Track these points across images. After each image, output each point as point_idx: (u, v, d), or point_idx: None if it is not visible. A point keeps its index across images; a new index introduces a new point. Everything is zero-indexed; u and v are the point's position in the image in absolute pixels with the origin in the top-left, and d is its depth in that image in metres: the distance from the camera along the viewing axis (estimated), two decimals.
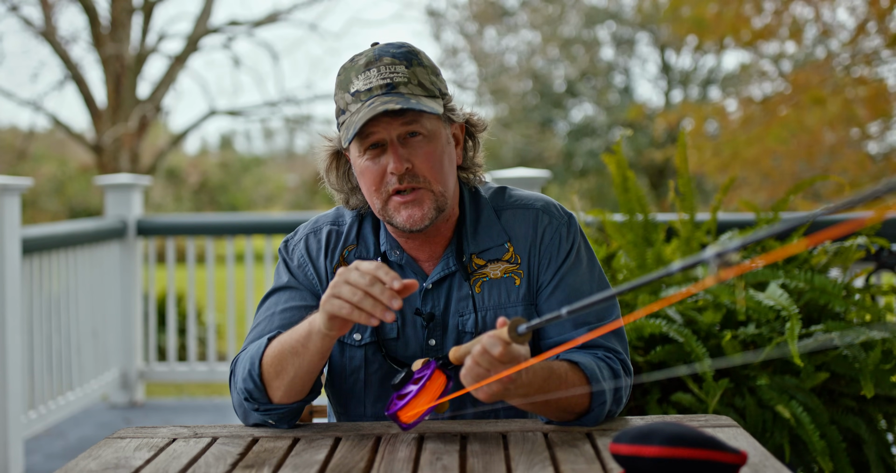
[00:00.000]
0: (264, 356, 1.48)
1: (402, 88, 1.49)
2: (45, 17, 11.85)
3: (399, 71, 1.50)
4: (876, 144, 9.44)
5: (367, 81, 1.50)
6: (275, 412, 1.51)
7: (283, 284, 1.64)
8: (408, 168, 1.50)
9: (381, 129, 1.49)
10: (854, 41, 8.32)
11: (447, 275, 1.60)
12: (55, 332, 4.32)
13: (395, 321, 1.59)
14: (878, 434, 2.49)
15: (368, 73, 1.50)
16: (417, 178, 1.51)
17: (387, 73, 1.50)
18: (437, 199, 1.53)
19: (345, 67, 1.55)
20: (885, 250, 3.18)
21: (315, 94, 13.37)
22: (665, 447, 1.16)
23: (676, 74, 17.70)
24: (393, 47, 1.53)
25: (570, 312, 1.18)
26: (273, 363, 1.47)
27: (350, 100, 1.52)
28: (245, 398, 1.51)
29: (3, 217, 3.68)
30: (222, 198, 20.64)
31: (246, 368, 1.50)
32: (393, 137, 1.50)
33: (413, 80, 1.51)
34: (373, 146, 1.51)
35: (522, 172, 4.08)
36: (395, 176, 1.50)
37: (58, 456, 4.17)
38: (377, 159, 1.52)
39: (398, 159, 1.49)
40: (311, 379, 1.48)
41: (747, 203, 3.12)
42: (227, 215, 10.41)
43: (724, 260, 0.95)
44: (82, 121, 30.61)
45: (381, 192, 1.53)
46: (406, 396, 1.40)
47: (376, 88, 1.49)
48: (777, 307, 2.40)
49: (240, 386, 1.51)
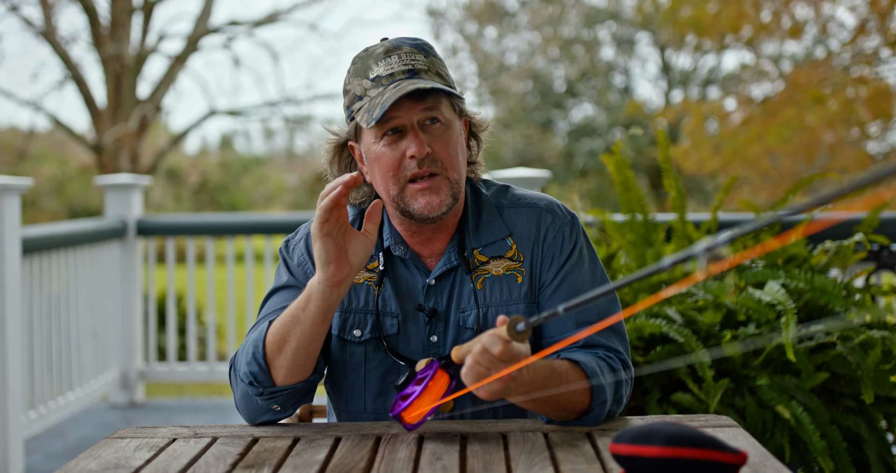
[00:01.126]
0: (267, 336, 1.50)
1: (424, 74, 1.52)
2: (45, 17, 11.85)
3: (419, 59, 1.54)
4: (876, 144, 9.43)
5: (388, 67, 1.52)
6: (279, 395, 1.51)
7: (283, 283, 1.64)
8: (428, 153, 1.51)
9: (403, 114, 1.51)
10: (854, 41, 8.32)
11: (449, 270, 1.60)
12: (55, 332, 4.33)
13: (397, 318, 1.60)
14: (879, 433, 2.49)
15: (389, 59, 1.53)
16: (437, 163, 1.53)
17: (408, 59, 1.53)
18: (452, 186, 1.54)
19: (360, 56, 1.57)
20: (885, 249, 3.18)
21: (315, 94, 13.39)
22: (665, 447, 1.16)
23: (676, 73, 17.71)
24: (408, 39, 1.57)
25: (566, 309, 1.18)
26: (275, 339, 1.48)
27: (370, 85, 1.53)
28: (249, 383, 1.51)
29: (3, 217, 3.68)
30: (222, 198, 20.64)
31: (249, 352, 1.51)
32: (414, 121, 1.52)
33: (432, 69, 1.54)
34: (391, 132, 1.53)
35: (522, 172, 4.08)
36: (416, 160, 1.51)
37: (58, 456, 4.17)
38: (395, 145, 1.53)
39: (420, 143, 1.51)
40: (314, 352, 1.49)
41: (748, 203, 3.12)
42: (227, 215, 10.41)
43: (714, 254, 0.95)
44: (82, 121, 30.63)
45: (398, 177, 1.54)
46: (409, 397, 1.41)
47: (398, 72, 1.52)
48: (773, 302, 2.40)
49: (244, 370, 1.51)
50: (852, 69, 8.44)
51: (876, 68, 8.39)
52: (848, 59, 8.51)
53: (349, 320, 1.61)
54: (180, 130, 14.00)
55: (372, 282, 1.62)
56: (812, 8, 8.59)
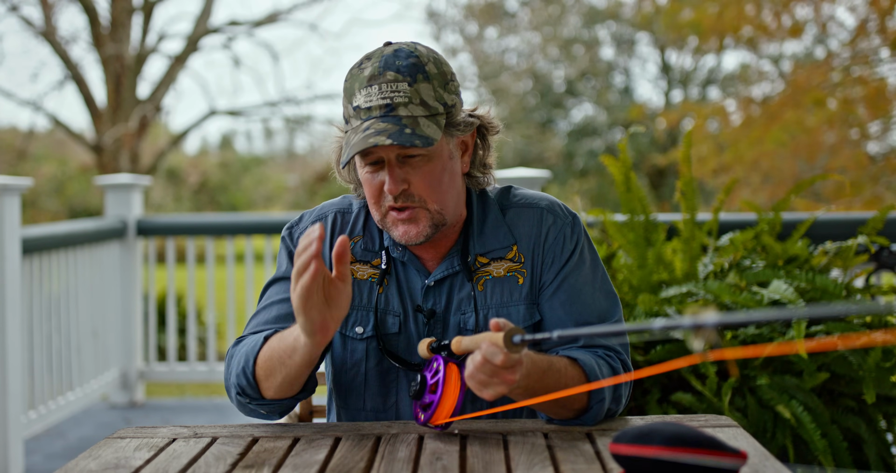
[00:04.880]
0: (258, 356, 1.49)
1: (402, 108, 1.47)
2: (45, 17, 11.85)
3: (401, 89, 1.47)
4: (876, 144, 9.44)
5: (367, 98, 1.48)
6: (266, 406, 1.53)
7: (284, 273, 1.63)
8: (404, 190, 1.50)
9: (380, 148, 1.49)
10: (854, 41, 8.32)
11: (450, 275, 1.60)
12: (55, 332, 4.32)
13: (399, 316, 1.60)
14: (879, 433, 2.49)
15: (370, 89, 1.48)
16: (413, 198, 1.51)
17: (388, 91, 1.47)
18: (433, 217, 1.53)
19: (352, 73, 1.53)
20: (885, 249, 3.18)
21: (315, 94, 13.39)
22: (665, 447, 1.16)
23: (676, 74, 17.71)
24: (400, 58, 1.50)
25: (560, 336, 1.19)
26: (264, 366, 1.48)
27: (352, 114, 1.51)
28: (237, 393, 1.52)
29: (3, 217, 3.68)
30: (222, 198, 20.64)
31: (241, 364, 1.51)
32: (391, 157, 1.49)
33: (415, 99, 1.48)
34: (373, 162, 1.51)
35: (523, 172, 4.08)
36: (392, 195, 1.51)
37: (58, 456, 4.17)
38: (376, 174, 1.52)
39: (394, 181, 1.49)
40: (301, 382, 1.49)
41: (749, 203, 3.12)
42: (227, 215, 10.41)
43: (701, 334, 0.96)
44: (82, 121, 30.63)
45: (379, 205, 1.54)
46: (431, 405, 1.41)
47: (375, 108, 1.47)
48: (783, 300, 2.40)
49: (233, 380, 1.52)
50: (852, 69, 8.44)
51: (876, 68, 8.39)
52: (848, 59, 8.51)
53: (351, 316, 1.61)
54: (180, 130, 14.01)
55: (375, 279, 1.62)
56: (812, 8, 8.59)
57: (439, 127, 1.49)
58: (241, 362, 1.50)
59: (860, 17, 8.25)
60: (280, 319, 1.58)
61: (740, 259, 2.80)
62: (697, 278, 2.79)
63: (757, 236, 2.86)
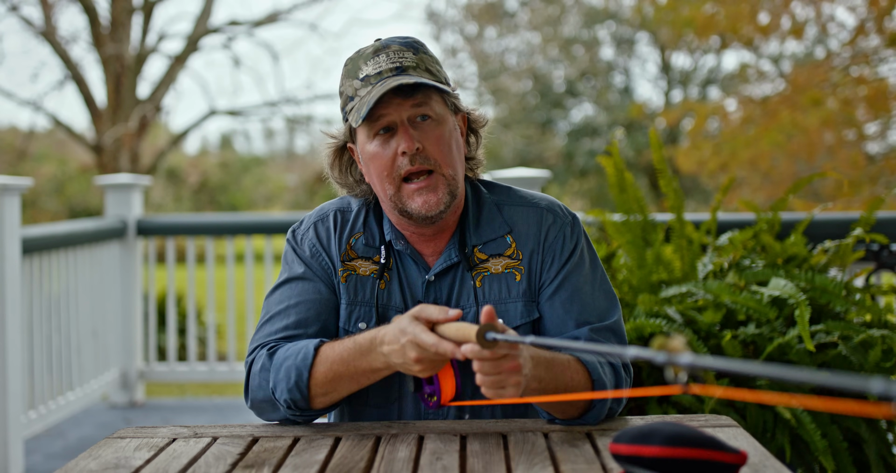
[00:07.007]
0: (313, 371, 1.48)
1: (412, 71, 1.53)
2: (45, 17, 11.84)
3: (408, 56, 1.54)
4: (876, 144, 9.44)
5: (376, 66, 1.53)
6: (312, 416, 1.56)
7: (298, 274, 1.63)
8: (418, 149, 1.52)
9: (392, 111, 1.52)
10: (854, 41, 8.32)
11: (449, 266, 1.60)
12: (55, 332, 4.32)
13: (400, 312, 1.60)
14: (879, 433, 2.49)
15: (378, 58, 1.54)
16: (429, 159, 1.53)
17: (396, 57, 1.53)
18: (449, 183, 1.55)
19: (351, 58, 1.58)
20: (885, 249, 3.18)
21: (315, 94, 13.38)
22: (665, 447, 1.16)
23: (676, 73, 17.70)
24: (399, 38, 1.57)
25: (533, 342, 1.18)
26: (325, 382, 1.48)
27: (360, 85, 1.54)
28: (287, 407, 1.52)
29: (3, 217, 3.68)
30: (222, 198, 20.65)
31: (292, 379, 1.49)
32: (404, 118, 1.52)
33: (421, 65, 1.54)
34: (382, 131, 1.53)
35: (522, 172, 4.08)
36: (407, 156, 1.51)
37: (58, 456, 4.17)
38: (387, 144, 1.53)
39: (410, 138, 1.51)
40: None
41: (747, 203, 3.12)
42: (227, 215, 10.39)
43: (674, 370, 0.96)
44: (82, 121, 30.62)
45: (392, 177, 1.54)
46: (434, 394, 1.47)
47: (386, 70, 1.52)
48: (783, 296, 2.40)
49: (284, 396, 1.50)
50: (852, 69, 8.43)
51: (875, 68, 8.38)
52: (848, 59, 8.51)
53: (354, 312, 1.61)
54: (180, 130, 13.99)
55: (376, 274, 1.62)
56: (812, 8, 8.58)
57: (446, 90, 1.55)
58: (293, 376, 1.49)
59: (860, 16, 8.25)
60: (301, 324, 1.58)
61: (739, 259, 2.80)
62: (697, 277, 2.80)
63: (756, 236, 2.86)
